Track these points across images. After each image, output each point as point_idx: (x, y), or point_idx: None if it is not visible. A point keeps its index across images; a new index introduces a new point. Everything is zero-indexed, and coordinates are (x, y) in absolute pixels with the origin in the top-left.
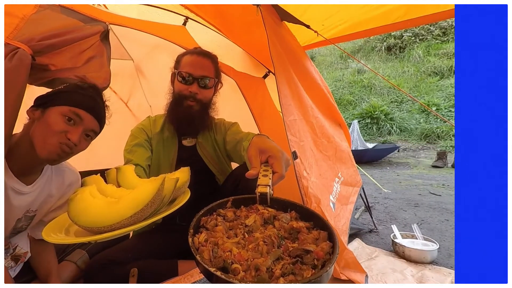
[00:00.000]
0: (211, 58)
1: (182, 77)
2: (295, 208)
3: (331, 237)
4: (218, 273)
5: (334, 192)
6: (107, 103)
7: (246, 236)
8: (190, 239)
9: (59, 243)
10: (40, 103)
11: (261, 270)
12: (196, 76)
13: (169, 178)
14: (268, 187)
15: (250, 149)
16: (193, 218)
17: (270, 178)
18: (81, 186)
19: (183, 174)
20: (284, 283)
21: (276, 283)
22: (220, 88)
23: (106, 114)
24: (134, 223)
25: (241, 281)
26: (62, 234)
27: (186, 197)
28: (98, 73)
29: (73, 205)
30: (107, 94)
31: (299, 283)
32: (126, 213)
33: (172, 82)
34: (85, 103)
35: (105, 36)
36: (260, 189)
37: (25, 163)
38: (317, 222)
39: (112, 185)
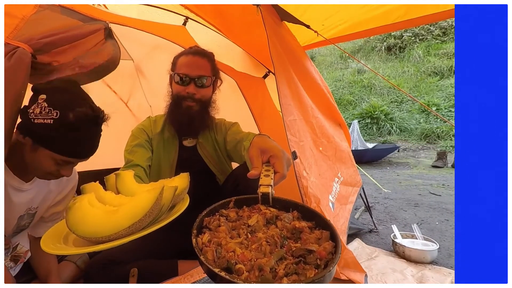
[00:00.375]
0: (207, 56)
1: (179, 78)
2: (297, 208)
3: (333, 236)
4: (223, 274)
5: (333, 192)
6: (106, 111)
7: (249, 236)
8: (193, 240)
9: (59, 254)
10: (27, 133)
11: (265, 270)
12: (193, 76)
13: (167, 187)
14: (270, 187)
15: (251, 149)
16: (195, 218)
17: (272, 178)
18: (80, 193)
19: (182, 181)
20: (288, 283)
21: (280, 283)
22: (220, 86)
23: (105, 122)
24: (132, 233)
25: (245, 281)
26: (61, 244)
27: (185, 204)
28: (97, 54)
29: (71, 214)
30: (107, 94)
31: (302, 283)
32: (124, 223)
33: (170, 84)
34: (74, 149)
35: (108, 33)
36: (262, 189)
37: (22, 162)
38: (319, 221)
39: (111, 192)
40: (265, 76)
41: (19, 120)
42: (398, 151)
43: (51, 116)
